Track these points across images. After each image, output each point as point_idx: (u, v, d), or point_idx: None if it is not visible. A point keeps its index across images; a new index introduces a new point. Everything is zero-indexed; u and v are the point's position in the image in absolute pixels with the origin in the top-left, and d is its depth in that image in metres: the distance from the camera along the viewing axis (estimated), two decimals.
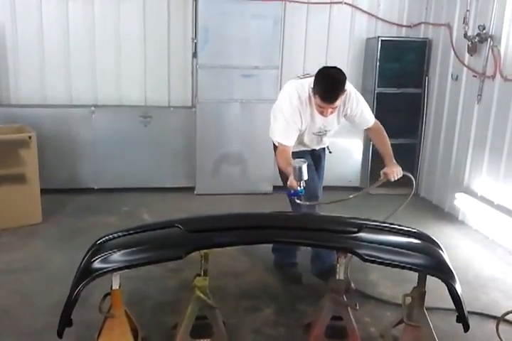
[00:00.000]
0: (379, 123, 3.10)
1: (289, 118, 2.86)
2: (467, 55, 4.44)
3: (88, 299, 2.54)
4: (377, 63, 5.08)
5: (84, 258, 2.22)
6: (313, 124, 2.94)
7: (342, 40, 5.41)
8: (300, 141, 3.05)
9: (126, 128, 4.97)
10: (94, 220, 4.15)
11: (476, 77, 4.34)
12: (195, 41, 4.93)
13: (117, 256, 2.14)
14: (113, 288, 2.23)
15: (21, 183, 3.95)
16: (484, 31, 4.18)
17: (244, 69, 4.90)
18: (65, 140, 4.84)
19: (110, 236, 2.28)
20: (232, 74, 4.91)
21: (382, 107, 5.15)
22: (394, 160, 3.03)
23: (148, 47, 5.15)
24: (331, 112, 2.77)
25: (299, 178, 2.63)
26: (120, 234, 2.28)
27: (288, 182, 2.70)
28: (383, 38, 5.10)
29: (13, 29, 4.90)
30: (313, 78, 2.79)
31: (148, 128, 4.98)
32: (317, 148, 3.20)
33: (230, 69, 4.88)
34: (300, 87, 2.88)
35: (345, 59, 5.45)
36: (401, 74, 5.17)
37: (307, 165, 2.64)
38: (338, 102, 2.72)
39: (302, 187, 2.67)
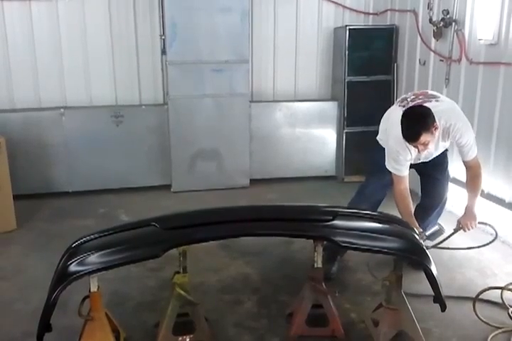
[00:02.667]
0: (480, 166, 2.98)
1: (397, 150, 2.84)
2: (433, 40, 4.49)
3: (67, 303, 2.52)
4: (346, 52, 5.09)
5: (60, 262, 2.20)
6: (418, 153, 2.88)
7: (310, 30, 5.42)
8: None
9: (98, 128, 4.90)
10: (70, 224, 4.09)
11: (442, 61, 4.40)
12: (163, 38, 4.86)
13: (94, 258, 2.13)
14: (91, 290, 2.22)
15: None
16: (448, 16, 4.23)
17: (214, 64, 4.87)
18: (35, 144, 4.74)
19: (86, 238, 2.26)
20: (203, 69, 4.88)
21: (353, 96, 5.19)
22: (474, 210, 2.95)
23: (116, 46, 5.07)
24: (424, 148, 2.73)
25: (428, 237, 2.82)
26: (96, 235, 2.27)
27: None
28: (351, 27, 5.11)
29: None
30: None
31: (120, 127, 4.92)
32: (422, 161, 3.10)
33: (200, 64, 4.85)
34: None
35: (314, 49, 5.46)
36: (370, 62, 5.20)
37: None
38: (424, 139, 2.65)
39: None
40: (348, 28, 5.09)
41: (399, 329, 2.35)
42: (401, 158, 2.86)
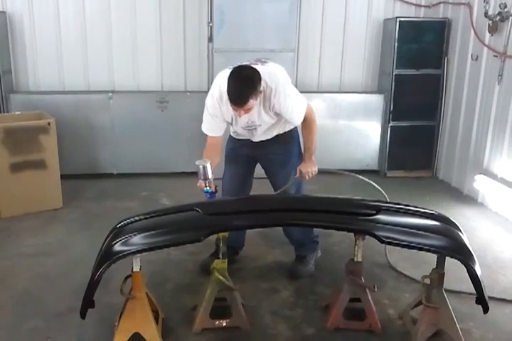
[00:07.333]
0: (313, 115, 2.86)
1: (210, 110, 2.75)
2: (488, 34, 4.34)
3: (109, 282, 2.59)
4: (396, 44, 4.98)
5: (105, 242, 2.26)
6: (237, 119, 2.76)
7: (359, 21, 5.33)
8: (235, 131, 2.95)
9: (144, 113, 4.98)
10: (113, 205, 4.20)
11: (496, 56, 4.24)
12: (210, 25, 4.89)
13: (138, 239, 2.18)
14: (134, 270, 2.28)
15: (42, 169, 4.01)
16: (505, 9, 4.07)
17: (260, 52, 4.82)
18: (83, 126, 4.88)
19: (130, 219, 2.31)
20: (249, 57, 4.74)
21: (401, 89, 5.10)
22: (313, 158, 2.87)
23: (164, 32, 5.14)
24: (245, 113, 2.58)
25: (204, 177, 2.61)
26: (140, 217, 2.32)
27: (197, 183, 2.66)
28: (401, 19, 4.99)
29: (30, 17, 4.92)
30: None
31: (165, 113, 4.99)
32: (257, 140, 2.92)
33: (246, 52, 4.83)
34: (226, 78, 2.55)
35: (362, 40, 5.37)
36: (420, 55, 5.07)
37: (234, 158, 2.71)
38: (251, 104, 2.51)
39: (209, 188, 2.62)
40: (398, 19, 4.98)
41: (438, 328, 2.32)
42: (209, 119, 2.78)
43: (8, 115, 4.42)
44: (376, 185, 2.92)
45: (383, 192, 2.93)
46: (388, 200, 2.77)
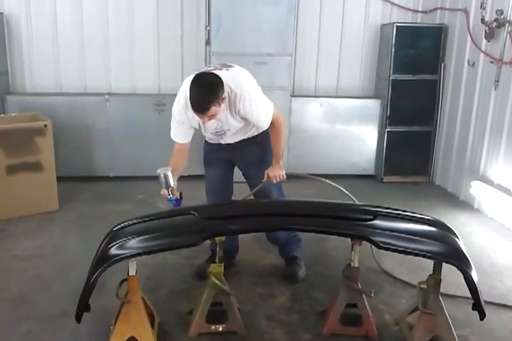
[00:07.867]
0: (281, 119, 2.85)
1: (177, 117, 2.74)
2: (484, 40, 4.37)
3: (105, 285, 2.57)
4: (393, 49, 5.01)
5: (101, 245, 2.25)
6: (206, 125, 2.73)
7: (356, 26, 5.35)
8: (207, 136, 2.96)
9: (141, 116, 4.98)
10: (109, 208, 4.19)
11: (493, 63, 4.26)
12: (208, 29, 4.90)
13: (134, 243, 2.17)
14: (130, 274, 2.26)
15: (38, 171, 3.99)
16: (502, 16, 4.10)
17: (257, 56, 4.86)
18: (80, 128, 4.87)
19: (127, 223, 2.30)
20: (246, 61, 4.80)
21: (397, 94, 5.12)
22: (280, 162, 2.89)
23: (162, 35, 5.15)
24: (209, 119, 2.56)
25: (166, 186, 2.60)
26: (136, 221, 2.31)
27: (161, 192, 2.65)
28: (398, 24, 5.02)
29: (27, 18, 4.92)
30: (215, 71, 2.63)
31: (162, 116, 4.97)
32: (231, 142, 2.92)
33: (244, 56, 4.84)
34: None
35: (359, 45, 5.40)
36: (416, 60, 5.10)
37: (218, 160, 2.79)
38: (213, 111, 2.47)
39: (172, 195, 2.61)
40: (395, 25, 5.00)
41: (434, 334, 2.31)
42: (176, 125, 2.78)
43: (4, 117, 4.41)
44: (344, 190, 2.99)
45: (352, 196, 2.96)
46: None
